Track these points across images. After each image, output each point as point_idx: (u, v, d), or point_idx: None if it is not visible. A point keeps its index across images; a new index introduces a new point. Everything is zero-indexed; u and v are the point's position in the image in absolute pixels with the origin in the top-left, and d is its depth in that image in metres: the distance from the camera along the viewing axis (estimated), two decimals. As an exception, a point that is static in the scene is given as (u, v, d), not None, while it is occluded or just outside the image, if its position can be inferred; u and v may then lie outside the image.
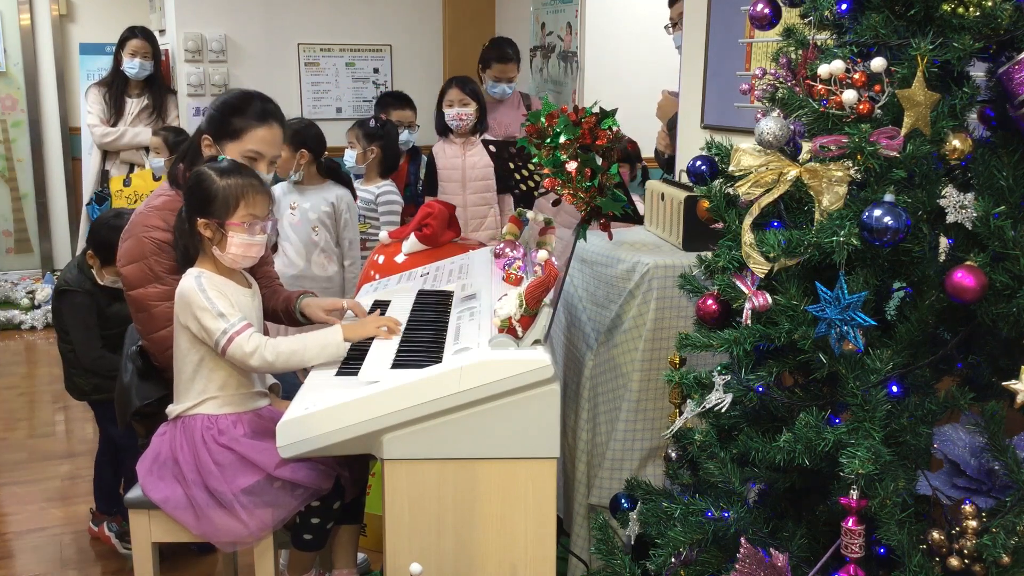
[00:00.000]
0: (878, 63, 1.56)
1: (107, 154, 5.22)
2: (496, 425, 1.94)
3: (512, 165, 2.84)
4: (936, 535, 1.57)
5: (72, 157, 6.48)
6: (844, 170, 1.60)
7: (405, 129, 4.31)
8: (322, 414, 1.93)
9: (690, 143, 3.29)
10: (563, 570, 2.63)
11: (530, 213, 2.80)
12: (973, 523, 1.54)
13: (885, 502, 1.53)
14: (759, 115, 1.72)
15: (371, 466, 2.55)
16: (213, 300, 2.14)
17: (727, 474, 1.75)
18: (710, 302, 1.79)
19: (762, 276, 1.67)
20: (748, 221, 1.68)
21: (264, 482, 2.15)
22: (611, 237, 2.47)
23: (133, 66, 5.06)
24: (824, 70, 1.61)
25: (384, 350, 2.15)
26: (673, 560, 1.81)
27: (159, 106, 5.23)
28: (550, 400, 1.94)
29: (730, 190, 1.80)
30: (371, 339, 2.24)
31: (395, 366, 2.04)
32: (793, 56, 1.74)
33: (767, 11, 1.83)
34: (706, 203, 1.85)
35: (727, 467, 1.76)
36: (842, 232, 1.55)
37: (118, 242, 2.51)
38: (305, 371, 2.22)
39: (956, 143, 1.58)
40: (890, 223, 1.50)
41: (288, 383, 2.55)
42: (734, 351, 1.69)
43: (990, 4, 1.55)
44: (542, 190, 2.70)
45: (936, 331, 1.69)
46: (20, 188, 6.61)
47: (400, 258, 3.19)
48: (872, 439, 1.53)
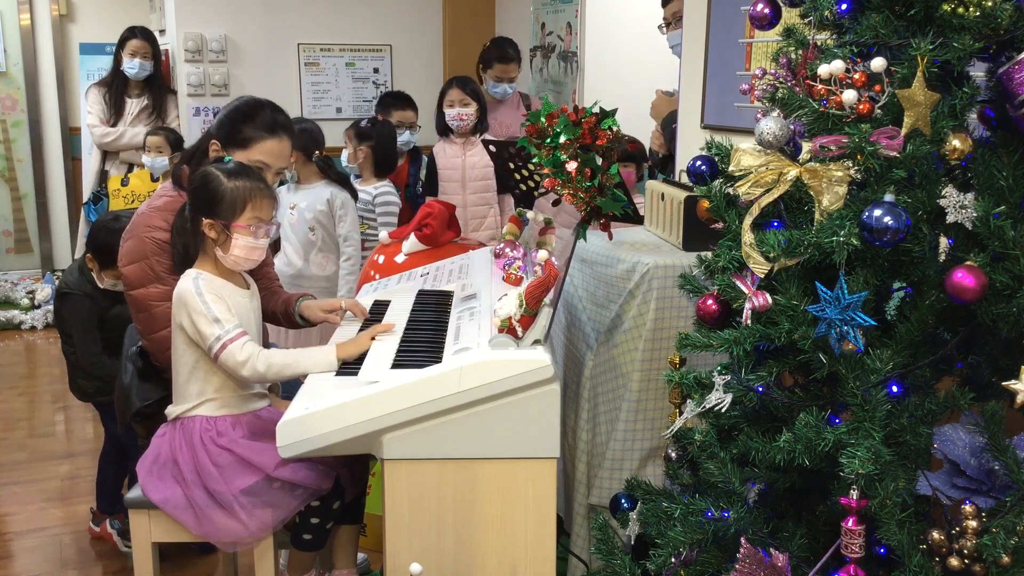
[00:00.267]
0: (878, 63, 1.56)
1: (107, 154, 5.22)
2: (496, 425, 1.94)
3: (512, 165, 2.84)
4: (936, 535, 1.57)
5: (72, 157, 6.48)
6: (844, 170, 1.60)
7: (406, 130, 4.30)
8: (322, 414, 1.93)
9: (690, 143, 3.28)
10: (563, 570, 2.63)
11: (530, 213, 2.80)
12: (973, 523, 1.54)
13: (885, 502, 1.53)
14: (759, 115, 1.72)
15: (371, 466, 2.55)
16: (209, 304, 2.14)
17: (727, 474, 1.75)
18: (710, 302, 1.79)
19: (762, 276, 1.67)
20: (748, 221, 1.68)
21: (263, 482, 2.15)
22: (611, 237, 2.47)
23: (133, 66, 5.06)
24: (824, 70, 1.61)
25: (384, 350, 2.15)
26: (673, 560, 1.81)
27: (159, 106, 5.23)
28: (550, 400, 1.94)
29: (730, 190, 1.80)
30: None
31: (395, 366, 2.04)
32: (793, 56, 1.74)
33: (767, 11, 1.83)
34: (706, 203, 1.85)
35: (727, 467, 1.75)
36: (842, 232, 1.55)
37: (116, 245, 2.51)
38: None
39: (956, 143, 1.58)
40: (890, 223, 1.50)
41: (288, 383, 2.55)
42: (734, 351, 1.69)
43: (990, 4, 1.55)
44: (542, 190, 2.70)
45: (936, 331, 1.69)
46: (20, 188, 6.61)
47: (400, 258, 3.19)
48: (872, 439, 1.53)
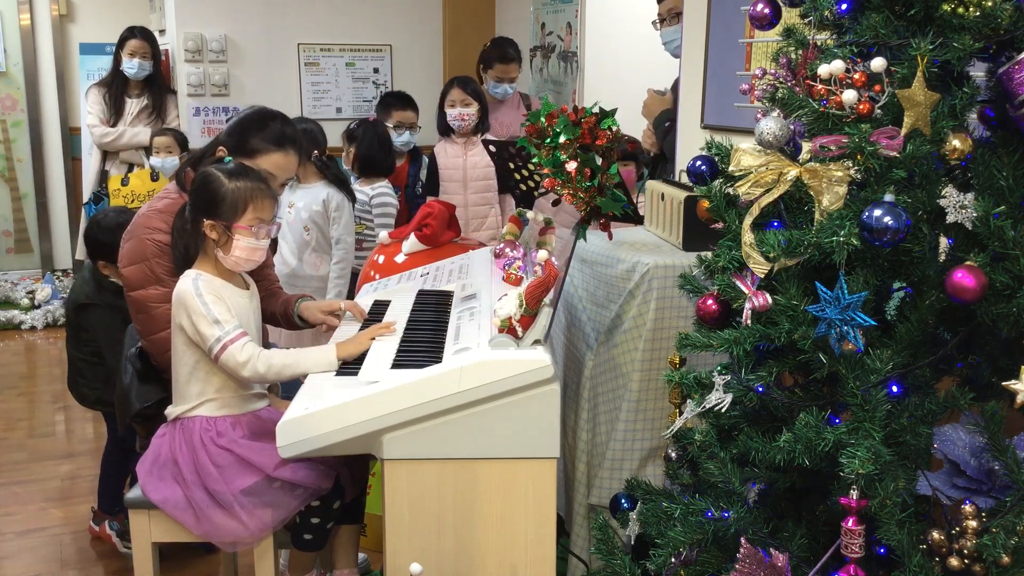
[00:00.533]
0: (878, 63, 1.56)
1: (107, 154, 5.22)
2: (496, 425, 1.94)
3: (512, 165, 2.84)
4: (936, 535, 1.57)
5: (72, 157, 6.48)
6: (844, 170, 1.60)
7: (406, 130, 4.30)
8: (322, 414, 1.93)
9: (690, 143, 3.28)
10: (563, 570, 2.63)
11: (530, 213, 2.80)
12: (973, 523, 1.54)
13: (885, 502, 1.53)
14: (759, 115, 1.72)
15: (371, 466, 2.55)
16: (209, 305, 2.14)
17: (727, 474, 1.75)
18: (710, 302, 1.79)
19: (762, 276, 1.67)
20: (748, 221, 1.68)
21: (263, 483, 2.15)
22: (611, 237, 2.47)
23: (132, 66, 5.06)
24: (824, 70, 1.61)
25: (384, 350, 2.15)
26: (673, 560, 1.81)
27: (159, 106, 5.23)
28: (550, 400, 1.94)
29: (730, 190, 1.79)
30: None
31: (395, 366, 2.04)
32: (793, 56, 1.74)
33: (767, 11, 1.83)
34: (706, 203, 1.85)
35: (727, 467, 1.75)
36: (842, 232, 1.55)
37: (112, 239, 2.50)
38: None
39: (956, 143, 1.58)
40: (890, 223, 1.50)
41: (288, 383, 2.54)
42: (734, 351, 1.69)
43: (990, 4, 1.55)
44: (542, 190, 2.70)
45: (936, 331, 1.69)
46: (20, 188, 6.61)
47: (400, 258, 3.19)
48: (872, 439, 1.53)
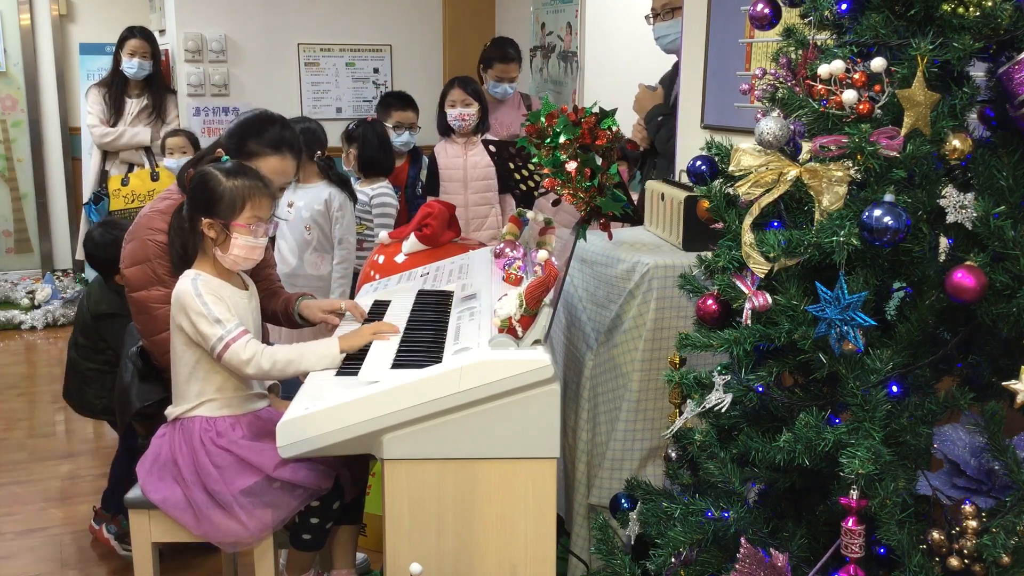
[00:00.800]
0: (878, 63, 1.56)
1: (107, 154, 5.22)
2: (496, 425, 1.94)
3: (512, 165, 2.84)
4: (936, 535, 1.57)
5: (72, 157, 6.48)
6: (844, 170, 1.60)
7: (406, 130, 4.30)
8: (322, 414, 1.93)
9: (690, 143, 3.28)
10: (563, 570, 2.63)
11: (530, 213, 2.80)
12: (973, 523, 1.54)
13: (885, 502, 1.53)
14: (759, 115, 1.72)
15: (371, 466, 2.55)
16: (209, 305, 2.14)
17: (727, 474, 1.75)
18: (710, 302, 1.79)
19: (762, 276, 1.67)
20: (748, 221, 1.68)
21: (263, 483, 2.15)
22: (611, 237, 2.47)
23: (132, 66, 5.06)
24: (824, 70, 1.61)
25: (384, 350, 2.15)
26: (673, 560, 1.81)
27: (159, 106, 5.23)
28: (550, 400, 1.94)
29: (730, 190, 1.79)
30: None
31: (395, 366, 2.04)
32: (793, 56, 1.74)
33: (767, 11, 1.83)
34: (706, 203, 1.85)
35: (727, 467, 1.75)
36: (842, 232, 1.55)
37: (105, 254, 2.50)
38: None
39: (956, 143, 1.58)
40: (890, 223, 1.50)
41: (288, 383, 2.55)
42: (734, 351, 1.69)
43: (990, 4, 1.55)
44: (542, 190, 2.70)
45: (936, 331, 1.69)
46: (20, 188, 6.61)
47: (400, 258, 3.19)
48: (872, 439, 1.53)
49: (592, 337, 2.53)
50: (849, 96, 1.58)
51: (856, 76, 1.58)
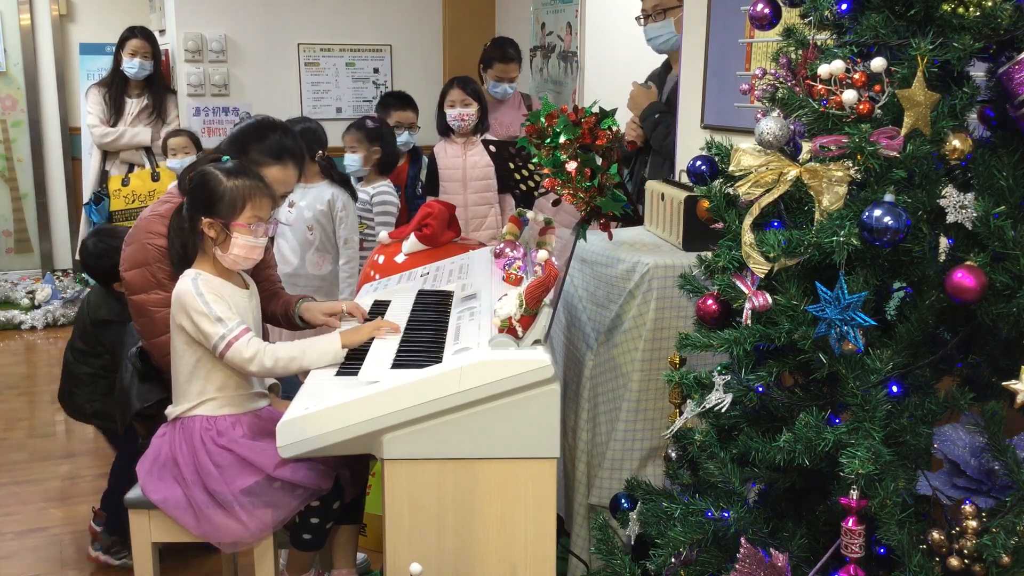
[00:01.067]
0: (878, 63, 1.56)
1: (107, 154, 5.22)
2: (496, 425, 1.94)
3: (512, 165, 2.85)
4: (936, 535, 1.57)
5: (72, 157, 6.48)
6: (844, 170, 1.60)
7: (405, 130, 4.30)
8: (322, 414, 1.93)
9: (690, 143, 3.28)
10: (563, 570, 2.63)
11: (530, 213, 2.80)
12: (973, 523, 1.54)
13: (885, 502, 1.53)
14: (759, 115, 1.72)
15: (371, 466, 2.55)
16: (210, 304, 2.14)
17: (727, 474, 1.75)
18: (710, 302, 1.79)
19: (762, 276, 1.67)
20: (748, 221, 1.68)
21: (263, 483, 2.15)
22: (611, 237, 2.47)
23: (132, 66, 5.06)
24: (824, 70, 1.61)
25: (384, 350, 2.15)
26: (673, 560, 1.81)
27: (159, 106, 5.23)
28: (550, 400, 1.94)
29: (730, 190, 1.79)
30: (371, 340, 2.24)
31: (395, 366, 2.04)
32: (793, 56, 1.74)
33: (767, 11, 1.83)
34: (706, 203, 1.85)
35: (727, 467, 1.75)
36: (842, 232, 1.55)
37: (100, 263, 2.49)
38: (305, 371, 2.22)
39: (956, 143, 1.58)
40: (890, 223, 1.50)
41: (288, 383, 2.55)
42: (734, 351, 1.69)
43: (990, 4, 1.55)
44: (542, 190, 2.70)
45: (936, 331, 1.69)
46: (20, 188, 6.61)
47: (400, 258, 3.19)
48: (872, 439, 1.53)
49: (592, 337, 2.53)
50: (849, 96, 1.58)
51: (856, 76, 1.58)
